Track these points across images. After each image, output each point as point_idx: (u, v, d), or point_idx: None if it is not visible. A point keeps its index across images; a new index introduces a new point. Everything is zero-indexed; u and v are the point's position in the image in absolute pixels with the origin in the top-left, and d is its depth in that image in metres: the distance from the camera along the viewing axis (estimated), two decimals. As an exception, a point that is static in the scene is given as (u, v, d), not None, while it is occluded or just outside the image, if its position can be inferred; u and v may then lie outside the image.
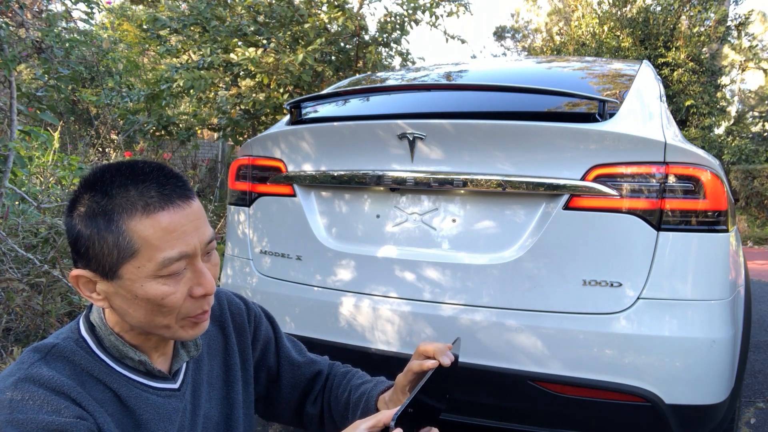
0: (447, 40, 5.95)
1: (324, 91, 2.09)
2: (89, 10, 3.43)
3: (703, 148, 5.09)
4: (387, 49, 5.97)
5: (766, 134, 12.83)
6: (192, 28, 5.08)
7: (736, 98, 16.68)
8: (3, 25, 2.83)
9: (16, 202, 3.22)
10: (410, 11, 5.46)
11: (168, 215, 0.78)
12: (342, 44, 5.55)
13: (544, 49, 13.95)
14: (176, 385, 0.92)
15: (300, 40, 5.18)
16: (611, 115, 1.60)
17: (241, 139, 5.51)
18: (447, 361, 0.94)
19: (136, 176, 0.79)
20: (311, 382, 1.15)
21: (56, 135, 4.23)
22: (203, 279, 0.82)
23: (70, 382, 0.78)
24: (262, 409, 1.16)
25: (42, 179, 4.06)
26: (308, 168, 1.87)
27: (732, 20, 11.51)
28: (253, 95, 5.16)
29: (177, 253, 0.78)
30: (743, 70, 13.38)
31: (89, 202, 0.78)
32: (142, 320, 0.82)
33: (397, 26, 5.56)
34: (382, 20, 5.54)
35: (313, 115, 2.11)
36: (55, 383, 0.77)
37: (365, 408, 1.07)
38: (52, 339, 0.84)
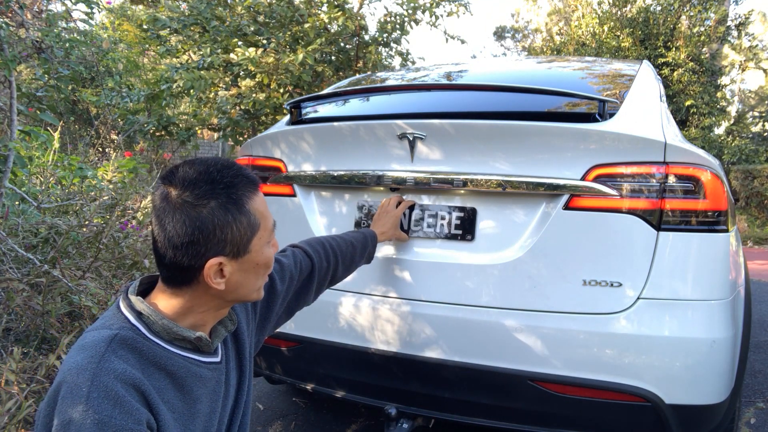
0: (447, 40, 5.96)
1: (324, 91, 2.08)
2: (89, 10, 3.42)
3: (703, 148, 5.09)
4: (387, 49, 5.97)
5: (766, 134, 12.82)
6: (192, 28, 5.09)
7: (736, 98, 16.69)
8: (3, 25, 2.83)
9: (16, 202, 3.22)
10: (410, 11, 5.46)
11: (260, 192, 0.98)
12: (342, 44, 5.55)
13: (544, 49, 13.95)
14: (218, 359, 1.04)
15: (300, 40, 5.18)
16: (611, 115, 1.59)
17: (241, 139, 5.52)
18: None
19: (232, 169, 0.95)
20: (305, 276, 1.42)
21: (56, 135, 4.23)
22: (275, 239, 1.02)
23: (138, 374, 0.87)
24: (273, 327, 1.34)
25: (42, 179, 4.05)
26: (308, 168, 1.87)
27: (732, 20, 11.52)
28: (253, 95, 5.16)
29: (273, 218, 1.00)
30: (743, 70, 13.38)
31: (214, 195, 0.91)
32: (251, 287, 0.99)
33: (397, 26, 5.56)
34: (382, 20, 5.55)
35: (313, 115, 2.11)
36: (127, 377, 0.85)
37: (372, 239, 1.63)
38: (105, 330, 0.90)
